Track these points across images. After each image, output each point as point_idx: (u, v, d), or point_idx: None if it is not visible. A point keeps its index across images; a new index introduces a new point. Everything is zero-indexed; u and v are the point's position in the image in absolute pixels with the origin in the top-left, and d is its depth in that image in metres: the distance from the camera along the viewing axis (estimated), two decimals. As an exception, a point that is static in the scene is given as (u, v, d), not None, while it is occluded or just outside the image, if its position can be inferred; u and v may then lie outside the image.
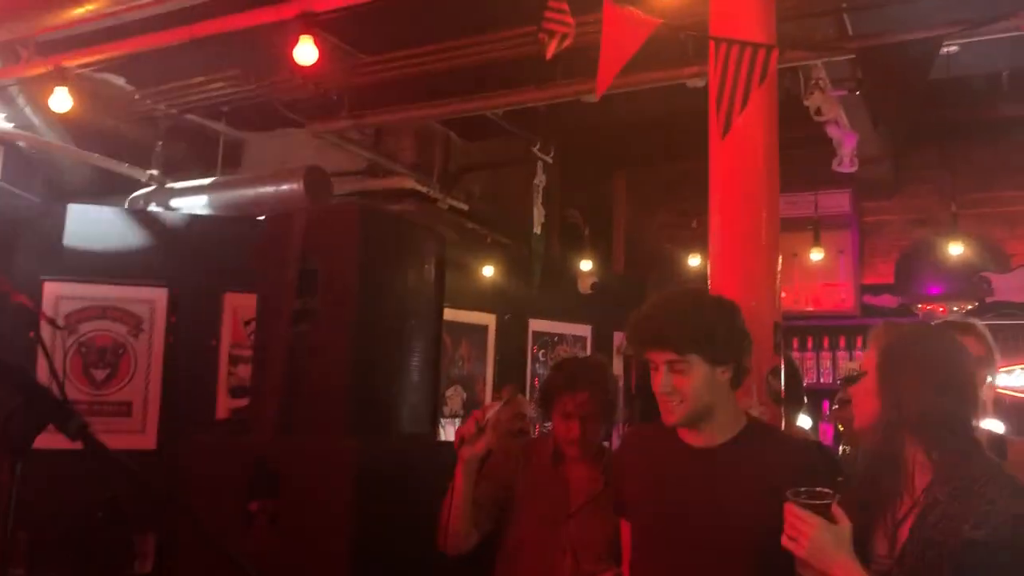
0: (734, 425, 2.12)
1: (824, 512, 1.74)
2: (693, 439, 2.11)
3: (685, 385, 2.03)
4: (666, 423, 2.10)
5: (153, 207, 5.23)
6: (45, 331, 4.24)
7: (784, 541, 1.77)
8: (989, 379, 3.05)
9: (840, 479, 2.36)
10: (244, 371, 5.01)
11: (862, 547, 1.81)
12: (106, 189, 5.21)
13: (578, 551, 2.48)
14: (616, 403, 2.70)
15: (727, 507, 2.02)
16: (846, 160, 4.59)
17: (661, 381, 2.05)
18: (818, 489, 1.77)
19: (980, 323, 2.84)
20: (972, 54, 3.97)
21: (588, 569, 2.46)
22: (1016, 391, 5.20)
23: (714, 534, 2.02)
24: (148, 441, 4.63)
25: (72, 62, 3.95)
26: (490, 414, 2.48)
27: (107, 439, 1.47)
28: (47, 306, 4.60)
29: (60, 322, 4.56)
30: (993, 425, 3.22)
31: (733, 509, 2.01)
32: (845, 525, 1.75)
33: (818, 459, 2.28)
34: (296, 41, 3.38)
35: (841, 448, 3.76)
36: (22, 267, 4.51)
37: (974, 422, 1.88)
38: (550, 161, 5.48)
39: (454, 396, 5.86)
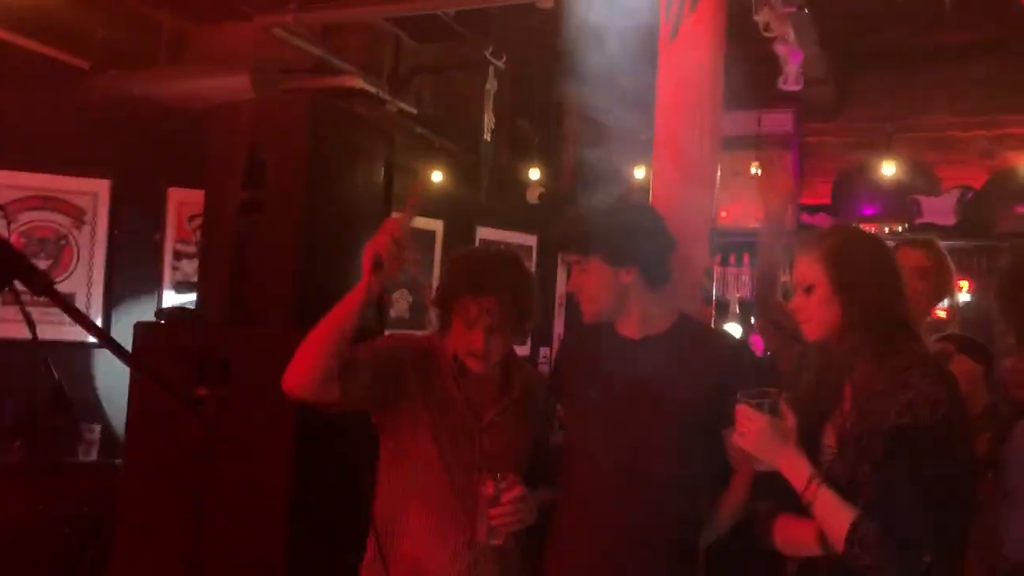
0: (662, 321, 2.26)
1: (772, 409, 1.90)
2: (624, 330, 2.26)
3: (588, 284, 2.23)
4: (586, 319, 2.30)
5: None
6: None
7: (734, 438, 1.94)
8: (947, 301, 3.25)
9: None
10: (188, 267, 5.02)
11: (815, 443, 1.97)
12: (46, 77, 5.05)
13: (494, 467, 2.22)
14: (531, 310, 2.32)
15: (652, 390, 2.17)
16: (791, 78, 4.67)
17: (570, 281, 2.28)
18: (765, 389, 1.93)
19: (938, 241, 3.01)
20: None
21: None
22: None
23: (639, 416, 2.17)
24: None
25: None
26: (406, 224, 2.14)
27: (48, 331, 1.53)
28: (-14, 194, 4.52)
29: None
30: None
31: (658, 392, 2.17)
32: (791, 420, 1.91)
33: (743, 354, 2.44)
34: (246, -73, 3.30)
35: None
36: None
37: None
38: (502, 67, 5.45)
39: (400, 300, 5.95)
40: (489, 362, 2.30)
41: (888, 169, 5.36)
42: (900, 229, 5.73)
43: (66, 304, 1.31)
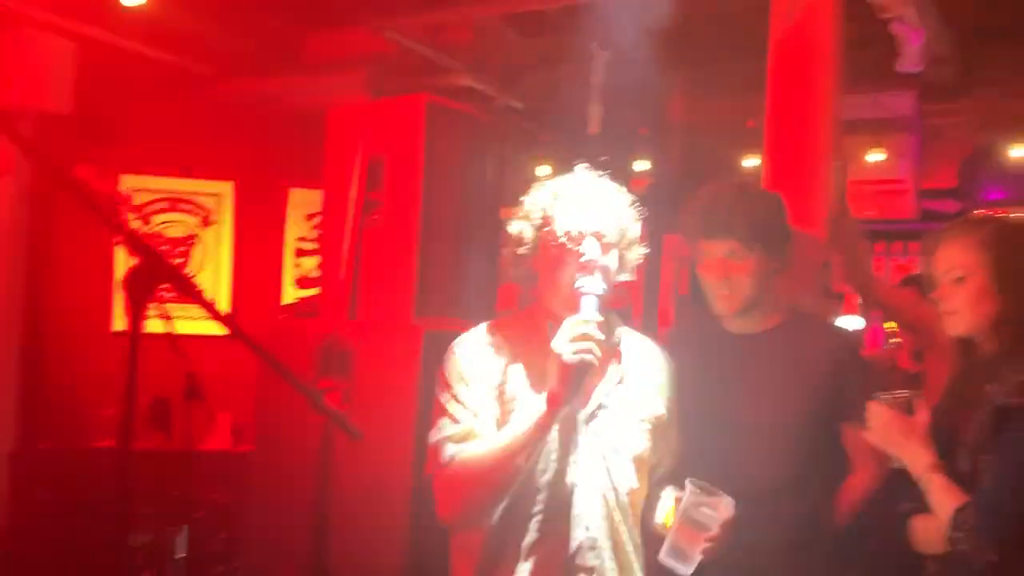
0: (776, 314, 2.21)
1: (906, 408, 1.86)
2: (736, 326, 2.22)
3: (743, 273, 2.12)
4: (721, 312, 2.20)
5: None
6: (124, 219, 4.46)
7: (863, 433, 1.92)
8: None
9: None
10: (309, 264, 5.22)
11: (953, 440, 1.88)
12: (173, 85, 5.33)
13: (607, 462, 1.81)
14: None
15: (763, 389, 2.13)
16: (913, 59, 4.49)
17: (721, 270, 2.13)
18: (903, 391, 1.91)
19: None
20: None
21: (622, 485, 1.82)
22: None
23: (749, 415, 2.14)
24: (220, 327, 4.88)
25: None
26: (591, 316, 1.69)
27: (183, 325, 1.64)
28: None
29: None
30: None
31: (769, 391, 2.13)
32: (922, 416, 1.86)
33: (856, 349, 2.37)
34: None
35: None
36: (98, 161, 4.70)
37: None
38: (608, 58, 5.43)
39: (509, 292, 6.01)
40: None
41: (1018, 151, 5.08)
42: (1032, 214, 5.42)
43: (206, 303, 1.41)
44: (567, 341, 1.63)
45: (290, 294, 5.16)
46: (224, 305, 5.06)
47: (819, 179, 2.65)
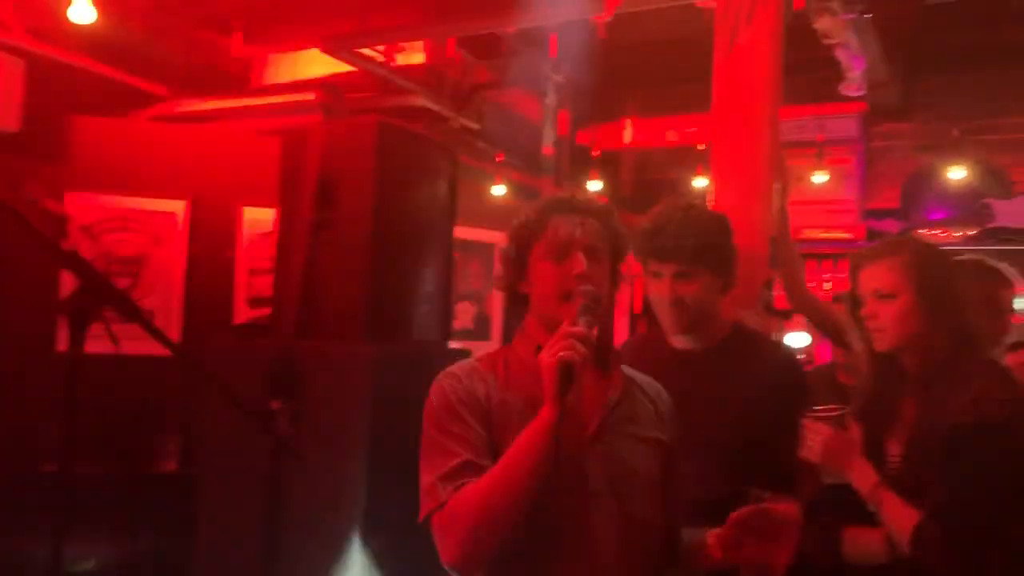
0: (720, 331, 2.27)
1: (837, 423, 1.92)
2: (683, 343, 2.26)
3: (690, 293, 2.16)
4: (669, 330, 2.24)
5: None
6: (73, 239, 4.39)
7: (803, 452, 1.96)
8: None
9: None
10: (261, 283, 5.18)
11: (879, 453, 1.98)
12: (124, 103, 5.29)
13: (617, 488, 1.67)
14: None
15: (708, 405, 2.17)
16: (855, 83, 4.63)
17: (669, 290, 2.17)
18: (832, 406, 1.98)
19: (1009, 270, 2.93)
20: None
21: (637, 512, 1.68)
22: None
23: (695, 431, 2.17)
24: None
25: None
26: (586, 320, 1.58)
27: (130, 346, 1.63)
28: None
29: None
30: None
31: (714, 407, 2.17)
32: (855, 432, 1.93)
33: (796, 364, 2.43)
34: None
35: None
36: (46, 179, 4.63)
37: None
38: (562, 81, 5.52)
39: (463, 312, 6.03)
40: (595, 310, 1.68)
41: (957, 173, 5.25)
42: (972, 233, 5.60)
43: (149, 326, 1.41)
44: (550, 348, 1.52)
45: (242, 314, 5.12)
46: (176, 325, 5.01)
47: (761, 200, 2.72)
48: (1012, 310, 2.60)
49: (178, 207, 5.08)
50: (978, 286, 2.29)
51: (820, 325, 2.81)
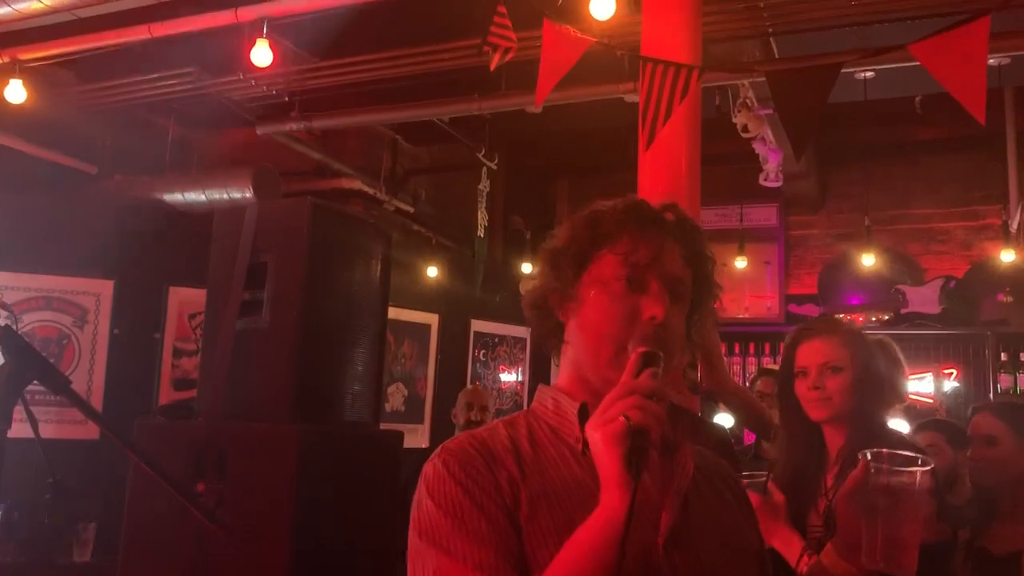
0: None
1: (761, 489, 1.98)
2: None
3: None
4: None
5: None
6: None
7: None
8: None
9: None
10: (187, 364, 5.09)
11: (802, 523, 2.06)
12: (55, 182, 5.23)
13: None
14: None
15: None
16: (771, 175, 4.87)
17: None
18: (754, 472, 2.02)
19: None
20: (886, 80, 4.28)
21: None
22: (925, 396, 5.55)
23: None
24: (91, 431, 4.68)
25: (28, 55, 4.01)
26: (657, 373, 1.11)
27: (50, 429, 1.61)
28: (-9, 295, 4.63)
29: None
30: (899, 426, 3.49)
31: None
32: (780, 499, 1.99)
33: (729, 442, 2.51)
34: (253, 44, 3.51)
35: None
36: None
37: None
38: (494, 167, 5.67)
39: (396, 393, 6.00)
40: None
41: (868, 260, 5.52)
42: (887, 318, 5.85)
43: (80, 401, 1.39)
44: (607, 410, 1.03)
45: (166, 395, 5.01)
46: (95, 407, 4.86)
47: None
48: (906, 392, 2.78)
49: (104, 287, 5.01)
50: (886, 367, 2.43)
51: (735, 407, 2.90)
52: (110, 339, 4.93)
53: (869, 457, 1.51)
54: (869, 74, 4.24)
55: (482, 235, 5.78)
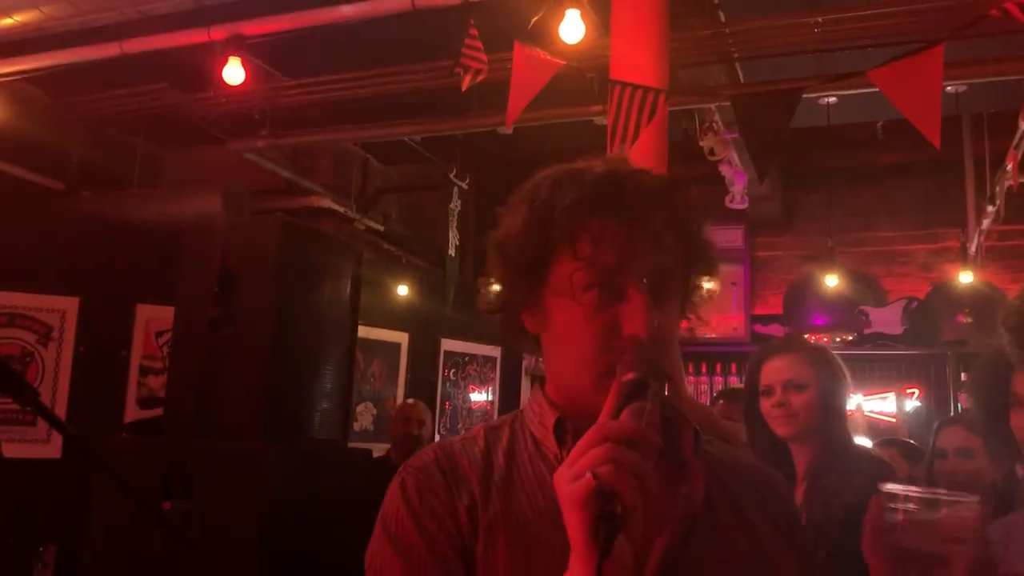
0: None
1: None
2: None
3: None
4: None
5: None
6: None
7: None
8: (858, 403, 3.47)
9: None
10: (154, 382, 5.04)
11: None
12: (21, 198, 5.18)
13: None
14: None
15: None
16: (737, 198, 4.96)
17: None
18: None
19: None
20: (849, 106, 4.39)
21: None
22: (888, 415, 5.64)
23: None
24: (53, 451, 4.62)
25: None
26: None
27: (11, 448, 1.60)
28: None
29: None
30: (860, 443, 3.55)
31: None
32: None
33: None
34: (225, 62, 3.52)
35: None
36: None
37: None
38: (465, 187, 5.71)
39: (364, 413, 5.98)
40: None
41: (831, 281, 5.62)
42: (850, 338, 5.94)
43: (50, 415, 1.39)
44: (576, 462, 0.84)
45: (132, 414, 4.95)
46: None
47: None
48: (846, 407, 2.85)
49: (70, 304, 4.96)
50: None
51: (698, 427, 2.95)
52: (75, 357, 4.87)
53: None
54: (832, 100, 4.34)
55: (453, 254, 5.80)
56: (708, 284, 1.10)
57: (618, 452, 0.82)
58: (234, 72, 3.57)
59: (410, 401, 4.80)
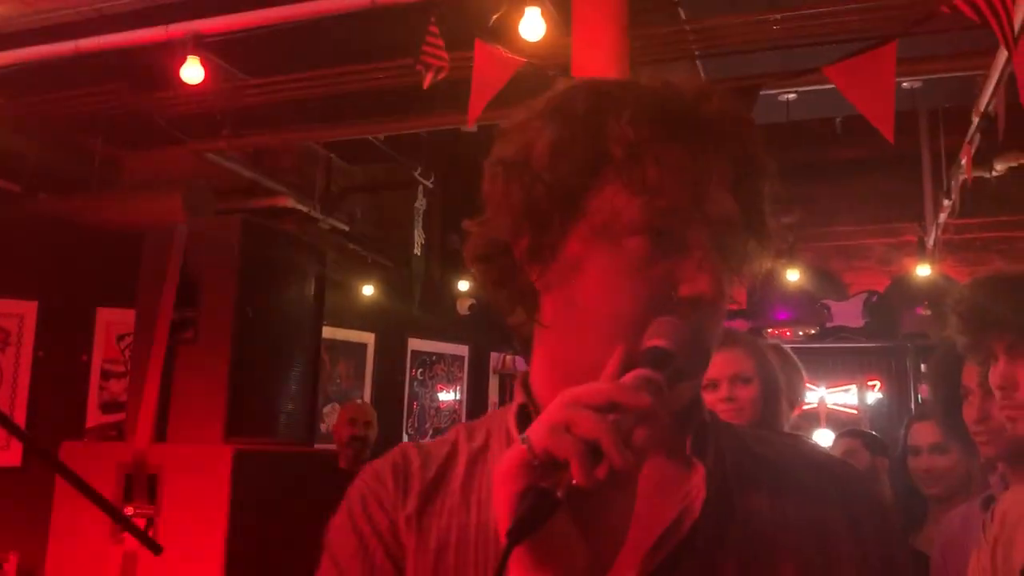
0: None
1: None
2: None
3: None
4: None
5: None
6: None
7: None
8: (821, 396, 3.53)
9: None
10: (116, 386, 4.97)
11: None
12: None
13: None
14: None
15: None
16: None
17: None
18: None
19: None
20: (808, 102, 4.45)
21: None
22: (850, 407, 5.73)
23: None
24: (13, 458, 4.53)
25: (-53, 70, 3.89)
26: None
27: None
28: (-94, 317, 4.47)
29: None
30: (824, 435, 3.62)
31: None
32: None
33: None
34: (183, 61, 3.47)
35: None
36: None
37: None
38: (431, 186, 5.70)
39: (331, 414, 5.94)
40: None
41: (792, 276, 5.69)
42: (813, 332, 6.03)
43: (8, 422, 1.37)
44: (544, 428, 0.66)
45: (94, 418, 4.88)
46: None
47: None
48: (803, 400, 2.89)
49: (28, 308, 4.87)
50: (790, 373, 2.52)
51: None
52: (34, 362, 4.79)
53: None
54: (792, 96, 4.39)
55: (419, 253, 5.79)
56: (765, 253, 0.87)
57: (577, 415, 0.62)
58: (193, 71, 3.52)
59: (356, 402, 4.74)
